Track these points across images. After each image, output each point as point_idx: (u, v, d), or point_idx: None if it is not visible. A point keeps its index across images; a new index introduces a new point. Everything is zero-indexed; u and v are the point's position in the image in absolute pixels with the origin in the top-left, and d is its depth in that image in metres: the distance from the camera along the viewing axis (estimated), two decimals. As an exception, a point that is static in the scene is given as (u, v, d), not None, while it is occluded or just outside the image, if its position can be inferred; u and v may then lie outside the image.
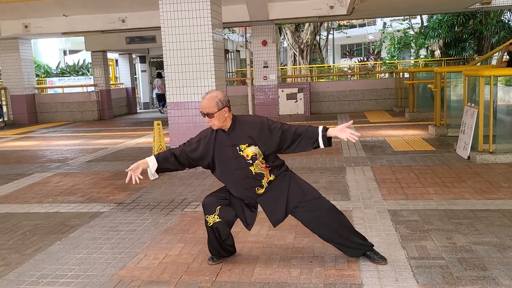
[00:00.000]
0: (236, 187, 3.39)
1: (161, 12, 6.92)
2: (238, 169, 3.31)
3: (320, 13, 13.78)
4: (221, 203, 3.44)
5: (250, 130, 3.33)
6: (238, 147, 3.30)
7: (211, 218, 3.43)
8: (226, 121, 3.31)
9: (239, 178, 3.34)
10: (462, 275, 3.17)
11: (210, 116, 3.24)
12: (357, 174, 6.27)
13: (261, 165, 3.32)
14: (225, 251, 3.60)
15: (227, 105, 3.29)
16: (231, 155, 3.31)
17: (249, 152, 3.29)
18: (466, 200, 4.90)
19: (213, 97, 3.26)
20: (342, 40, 40.41)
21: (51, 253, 3.94)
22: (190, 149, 3.40)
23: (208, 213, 3.45)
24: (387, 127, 10.84)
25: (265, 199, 3.39)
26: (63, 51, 31.93)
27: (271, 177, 3.37)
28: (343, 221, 3.44)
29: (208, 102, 3.24)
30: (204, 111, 3.25)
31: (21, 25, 15.00)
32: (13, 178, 7.09)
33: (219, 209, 3.42)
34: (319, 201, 3.39)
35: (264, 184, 3.36)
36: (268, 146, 3.31)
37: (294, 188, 3.39)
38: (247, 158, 3.29)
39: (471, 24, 20.59)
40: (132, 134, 11.98)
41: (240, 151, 3.29)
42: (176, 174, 6.83)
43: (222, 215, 3.43)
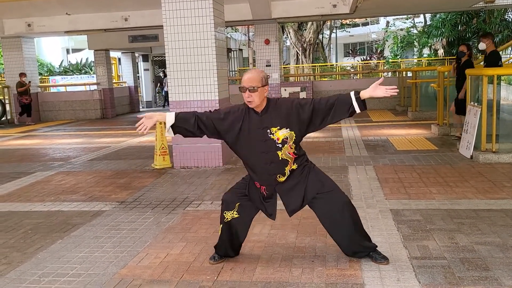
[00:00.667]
0: (259, 171, 3.30)
1: (164, 11, 6.92)
2: (264, 152, 3.25)
3: (323, 11, 13.77)
4: (240, 200, 3.42)
5: (283, 112, 3.25)
6: (269, 130, 3.23)
7: (230, 214, 3.42)
8: (263, 101, 3.25)
9: (264, 162, 3.26)
10: (464, 275, 3.16)
11: (253, 90, 3.16)
12: (360, 173, 6.26)
13: (289, 151, 3.25)
14: (233, 251, 3.58)
15: (268, 84, 3.27)
16: (260, 138, 3.23)
17: (280, 135, 3.22)
18: (469, 199, 4.88)
19: (258, 72, 3.24)
20: (345, 39, 40.35)
21: (52, 251, 3.95)
22: (217, 118, 3.31)
23: (227, 209, 3.43)
24: (389, 126, 10.82)
25: (284, 188, 3.34)
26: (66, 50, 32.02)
27: (294, 166, 3.32)
28: (356, 220, 3.42)
29: (254, 75, 3.19)
30: (247, 84, 3.16)
31: (24, 23, 15.04)
32: (16, 176, 7.10)
33: (238, 205, 3.42)
34: (337, 194, 3.37)
35: (287, 172, 3.30)
36: (301, 124, 3.25)
37: (313, 178, 3.36)
38: (278, 142, 3.22)
39: (475, 23, 20.52)
40: (134, 132, 11.98)
41: (271, 134, 3.23)
42: (178, 173, 6.83)
43: (240, 212, 3.42)
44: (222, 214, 3.47)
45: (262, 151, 3.25)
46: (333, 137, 9.54)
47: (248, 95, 3.18)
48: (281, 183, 3.34)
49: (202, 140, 7.00)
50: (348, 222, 3.37)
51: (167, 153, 7.32)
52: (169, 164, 7.29)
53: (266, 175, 3.31)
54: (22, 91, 14.90)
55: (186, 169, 7.08)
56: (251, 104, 3.22)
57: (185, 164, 7.15)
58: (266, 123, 3.25)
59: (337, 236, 3.46)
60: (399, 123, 11.19)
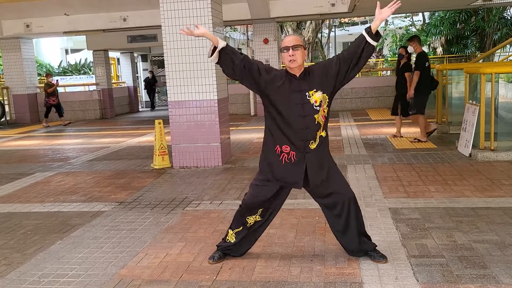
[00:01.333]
0: (293, 135, 3.25)
1: (162, 11, 6.93)
2: (302, 116, 3.22)
3: (321, 10, 13.77)
4: (263, 205, 3.42)
5: (317, 75, 3.27)
6: (308, 93, 3.23)
7: (252, 219, 3.45)
8: (301, 65, 3.27)
9: (300, 127, 3.21)
10: (462, 273, 3.17)
11: (296, 48, 3.18)
12: (358, 172, 6.27)
13: (322, 114, 3.25)
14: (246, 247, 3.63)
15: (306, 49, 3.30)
16: (298, 101, 3.20)
17: (317, 98, 3.22)
18: (467, 198, 4.89)
19: (298, 35, 3.30)
20: (343, 38, 40.29)
21: (52, 252, 3.96)
22: (264, 68, 3.31)
23: (249, 214, 3.45)
24: (388, 124, 10.82)
25: (313, 160, 3.29)
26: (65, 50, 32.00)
27: (323, 132, 3.32)
28: (358, 217, 3.45)
29: (297, 37, 3.26)
30: (291, 43, 3.19)
31: (23, 24, 15.04)
32: (15, 177, 7.11)
33: (261, 211, 3.44)
34: (347, 186, 3.45)
35: (317, 138, 3.27)
36: (330, 82, 3.25)
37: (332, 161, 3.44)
38: (316, 104, 3.21)
39: (473, 21, 20.53)
40: (134, 133, 12.00)
41: (309, 97, 3.22)
42: (177, 173, 6.85)
43: (263, 215, 3.46)
44: (244, 219, 3.46)
45: (300, 114, 3.22)
46: (332, 136, 9.55)
47: (292, 53, 3.19)
48: (310, 152, 3.28)
49: (202, 140, 7.05)
50: (350, 216, 3.40)
51: (166, 153, 7.32)
52: (169, 164, 7.30)
53: (300, 141, 3.25)
54: (51, 91, 14.47)
55: (185, 169, 7.09)
56: (294, 63, 3.21)
57: (184, 164, 7.16)
58: (304, 87, 3.25)
59: (337, 228, 3.48)
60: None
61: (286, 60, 3.23)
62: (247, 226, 3.49)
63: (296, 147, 3.26)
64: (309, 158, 3.28)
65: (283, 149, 3.29)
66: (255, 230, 3.55)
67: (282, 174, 3.32)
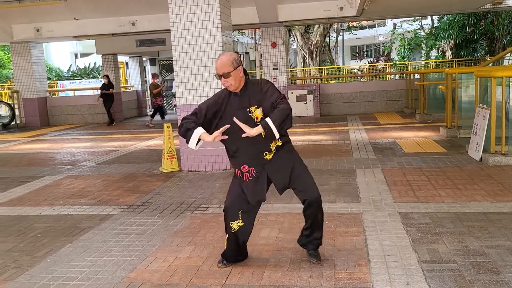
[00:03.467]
0: (246, 152, 3.29)
1: (171, 15, 6.95)
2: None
3: (329, 14, 13.75)
4: (241, 206, 3.41)
5: (257, 91, 3.27)
6: (249, 109, 3.25)
7: (236, 224, 3.43)
8: (240, 82, 3.27)
9: (249, 142, 3.23)
10: (474, 279, 3.13)
11: (227, 76, 3.19)
12: (368, 176, 6.23)
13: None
14: (242, 255, 3.60)
15: (241, 64, 3.28)
16: (241, 118, 3.19)
17: (258, 114, 3.24)
18: (479, 202, 4.84)
19: (228, 56, 3.25)
20: (351, 42, 40.26)
21: (62, 255, 3.96)
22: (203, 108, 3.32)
23: (231, 219, 3.43)
24: (397, 128, 10.77)
25: (272, 166, 3.34)
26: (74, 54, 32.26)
27: (279, 142, 3.32)
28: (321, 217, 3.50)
29: (223, 61, 3.21)
30: (220, 71, 3.19)
31: (33, 29, 15.18)
32: (25, 180, 7.15)
33: (240, 213, 3.42)
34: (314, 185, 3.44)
35: (273, 148, 3.31)
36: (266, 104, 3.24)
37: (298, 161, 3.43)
38: (257, 121, 3.22)
39: (483, 24, 20.40)
40: (142, 136, 12.03)
41: (250, 113, 3.25)
42: (186, 176, 6.85)
43: (244, 218, 3.43)
44: (228, 224, 3.46)
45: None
46: (340, 140, 9.52)
47: (224, 81, 3.23)
48: (268, 162, 3.32)
49: (210, 144, 7.03)
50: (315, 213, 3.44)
51: (174, 157, 7.33)
52: (177, 168, 7.31)
53: (254, 155, 3.30)
54: (157, 92, 14.46)
55: (194, 172, 7.09)
56: (230, 88, 3.27)
57: (193, 167, 7.16)
58: (245, 103, 3.27)
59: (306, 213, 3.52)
60: (407, 126, 11.13)
61: (222, 84, 3.27)
62: (232, 231, 3.45)
63: (253, 163, 3.32)
64: (268, 168, 3.35)
65: (242, 170, 3.36)
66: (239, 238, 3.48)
67: (249, 194, 3.37)
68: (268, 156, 3.31)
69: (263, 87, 3.28)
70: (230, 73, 3.20)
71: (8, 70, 27.19)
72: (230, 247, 3.53)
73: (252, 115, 3.24)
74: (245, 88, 3.30)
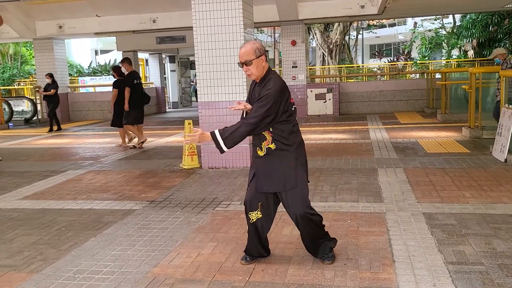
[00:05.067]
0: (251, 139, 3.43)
1: (193, 12, 6.96)
2: None
3: (350, 12, 13.65)
4: (261, 198, 3.42)
5: (264, 89, 3.26)
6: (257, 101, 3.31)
7: (254, 215, 3.43)
8: (261, 72, 3.29)
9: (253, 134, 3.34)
10: (503, 281, 3.07)
11: (248, 63, 3.22)
12: (389, 176, 6.17)
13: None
14: (264, 250, 3.59)
15: (264, 53, 3.29)
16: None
17: None
18: (505, 204, 4.74)
19: (251, 44, 3.29)
20: (371, 40, 39.94)
21: (86, 249, 4.01)
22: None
23: (251, 209, 3.45)
24: (418, 128, 10.64)
25: (260, 165, 3.36)
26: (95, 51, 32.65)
27: (272, 145, 3.30)
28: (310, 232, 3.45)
29: (246, 49, 3.24)
30: (242, 59, 3.24)
31: (56, 25, 15.39)
32: (48, 174, 7.25)
33: (260, 204, 3.42)
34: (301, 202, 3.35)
35: (263, 148, 3.32)
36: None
37: (289, 172, 3.31)
38: None
39: (507, 23, 20.02)
40: (162, 133, 12.11)
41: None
42: (206, 173, 6.87)
43: (264, 211, 3.44)
44: (247, 216, 3.48)
45: None
46: (360, 139, 9.44)
47: (245, 69, 3.27)
48: (259, 158, 3.36)
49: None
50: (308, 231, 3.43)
51: (195, 154, 7.36)
52: (197, 165, 7.33)
53: (252, 144, 3.43)
54: None
55: (214, 169, 7.11)
56: (251, 77, 3.31)
57: (213, 164, 7.18)
58: (257, 94, 3.31)
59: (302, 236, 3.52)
60: (428, 126, 10.99)
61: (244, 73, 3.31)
62: (251, 222, 3.46)
63: (253, 153, 3.43)
64: (257, 163, 3.38)
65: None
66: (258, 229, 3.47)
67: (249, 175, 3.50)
68: (259, 152, 3.35)
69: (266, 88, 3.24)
70: (252, 61, 3.23)
71: (30, 66, 27.66)
72: (251, 239, 3.53)
73: None
74: (263, 79, 3.32)
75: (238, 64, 3.32)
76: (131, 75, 9.35)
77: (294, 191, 3.33)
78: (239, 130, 3.21)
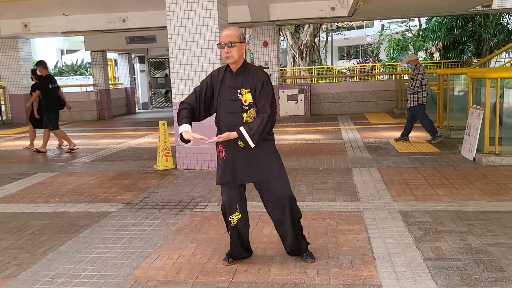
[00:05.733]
0: (223, 132, 3.28)
1: (168, 12, 6.89)
2: (230, 112, 3.27)
3: (321, 14, 13.79)
4: (237, 198, 3.41)
5: (257, 78, 3.28)
6: (240, 90, 3.27)
7: (235, 217, 3.42)
8: (240, 59, 3.28)
9: (228, 123, 3.27)
10: (480, 276, 3.16)
11: (232, 45, 3.19)
12: (364, 175, 6.26)
13: (254, 115, 3.27)
14: (246, 251, 3.58)
15: (245, 41, 3.29)
16: (229, 97, 3.27)
17: (248, 98, 3.26)
18: (476, 201, 4.89)
19: (236, 29, 3.29)
20: (339, 42, 40.49)
21: (62, 252, 3.90)
22: (200, 89, 3.35)
23: (230, 213, 3.42)
24: (389, 128, 10.85)
25: (241, 156, 3.31)
26: (60, 51, 31.85)
27: None
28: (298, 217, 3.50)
29: (232, 32, 3.24)
30: (226, 40, 3.20)
31: (21, 24, 14.93)
32: (16, 177, 7.03)
33: (238, 205, 3.41)
34: (286, 189, 3.41)
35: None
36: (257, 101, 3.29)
37: (272, 162, 3.37)
38: (244, 104, 3.25)
39: (470, 26, 20.69)
40: (133, 134, 11.93)
41: (240, 95, 3.27)
42: (182, 174, 6.81)
43: (242, 210, 3.44)
44: (227, 219, 3.45)
45: (229, 111, 3.28)
46: (333, 139, 9.55)
47: (227, 50, 3.22)
48: (240, 149, 3.28)
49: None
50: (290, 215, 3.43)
51: (170, 155, 7.28)
52: (172, 166, 7.25)
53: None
54: None
55: (190, 170, 7.05)
56: (230, 59, 3.26)
57: (188, 165, 7.12)
58: (238, 83, 3.29)
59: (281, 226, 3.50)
60: (398, 126, 11.18)
61: (223, 55, 3.26)
62: (232, 226, 3.45)
63: (226, 145, 3.32)
64: (238, 156, 3.32)
65: (219, 149, 3.37)
66: (240, 232, 3.48)
67: (220, 173, 3.38)
68: (240, 143, 3.26)
69: (260, 79, 3.27)
70: (235, 44, 3.21)
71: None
72: (234, 242, 3.52)
73: (242, 97, 3.27)
74: (242, 69, 3.32)
75: (217, 45, 3.26)
76: (47, 78, 9.22)
77: (278, 179, 3.38)
78: (264, 124, 3.21)
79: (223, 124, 3.31)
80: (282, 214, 3.42)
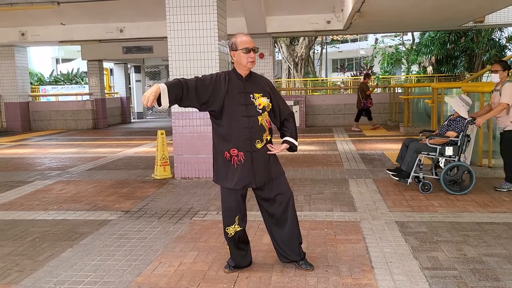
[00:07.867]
0: (239, 136, 3.33)
1: (168, 23, 6.99)
2: (245, 116, 3.34)
3: (317, 27, 13.97)
4: (237, 212, 3.46)
5: (266, 83, 3.50)
6: (252, 95, 3.38)
7: (232, 229, 3.46)
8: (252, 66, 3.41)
9: (245, 126, 3.33)
10: (476, 285, 3.24)
11: (255, 51, 3.33)
12: (360, 186, 6.35)
13: (267, 118, 3.43)
14: (246, 260, 3.64)
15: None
16: (242, 102, 3.35)
17: (262, 102, 3.39)
18: (471, 213, 4.99)
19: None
20: (334, 55, 40.81)
21: (64, 259, 3.93)
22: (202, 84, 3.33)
23: (228, 224, 3.46)
24: (383, 140, 10.97)
25: (258, 157, 3.40)
26: (56, 60, 31.83)
27: (269, 136, 3.48)
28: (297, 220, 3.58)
29: (250, 38, 3.38)
30: (252, 45, 3.33)
31: (18, 32, 14.97)
32: (14, 185, 7.04)
33: (237, 218, 3.46)
34: (288, 187, 3.56)
35: (264, 139, 3.41)
36: (275, 104, 3.50)
37: (278, 160, 3.59)
38: (259, 107, 3.37)
39: (463, 41, 20.98)
40: (129, 143, 11.96)
41: (253, 99, 3.38)
42: (180, 183, 6.85)
43: (241, 224, 3.48)
44: (225, 231, 3.50)
45: (244, 114, 3.35)
46: (329, 150, 9.65)
47: (253, 55, 3.33)
48: (257, 151, 3.39)
49: (204, 151, 7.07)
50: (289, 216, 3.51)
51: (168, 164, 7.33)
52: (170, 175, 7.30)
53: (246, 140, 3.35)
54: (370, 93, 13.52)
55: (187, 179, 7.10)
56: (253, 64, 3.37)
57: (186, 175, 7.17)
58: (249, 89, 3.41)
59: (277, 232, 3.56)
60: (393, 138, 11.35)
61: (244, 60, 3.32)
62: (229, 237, 3.50)
63: (243, 147, 3.37)
64: (256, 157, 3.41)
65: (231, 153, 3.38)
66: (238, 241, 3.54)
67: (238, 177, 3.37)
68: (258, 144, 3.39)
69: (269, 84, 3.52)
70: (257, 50, 3.37)
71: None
72: (233, 252, 3.58)
73: (255, 101, 3.37)
74: (249, 76, 3.44)
75: (242, 50, 3.28)
76: None
77: (281, 177, 3.53)
78: (295, 124, 3.62)
79: (239, 128, 3.33)
80: (284, 212, 3.48)
